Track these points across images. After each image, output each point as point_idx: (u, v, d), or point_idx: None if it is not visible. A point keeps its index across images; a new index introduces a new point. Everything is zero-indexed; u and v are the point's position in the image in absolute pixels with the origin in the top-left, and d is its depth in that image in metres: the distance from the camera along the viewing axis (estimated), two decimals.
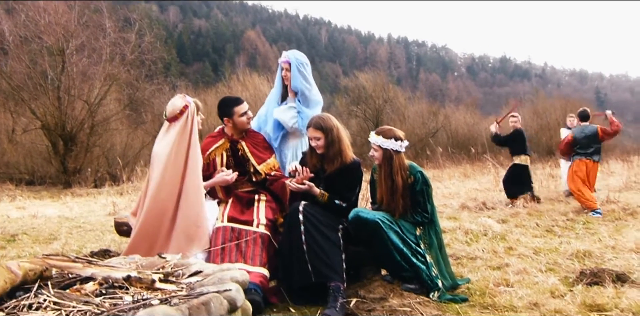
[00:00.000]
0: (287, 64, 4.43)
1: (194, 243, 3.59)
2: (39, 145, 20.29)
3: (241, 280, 2.30)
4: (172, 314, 1.78)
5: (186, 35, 72.72)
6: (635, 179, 12.35)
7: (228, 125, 4.17)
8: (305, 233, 3.57)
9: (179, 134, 3.73)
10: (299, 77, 4.40)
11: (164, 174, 3.66)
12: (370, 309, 3.41)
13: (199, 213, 3.67)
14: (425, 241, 3.85)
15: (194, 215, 3.65)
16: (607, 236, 5.90)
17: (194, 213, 3.65)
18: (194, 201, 3.67)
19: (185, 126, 3.76)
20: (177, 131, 3.74)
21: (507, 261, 4.75)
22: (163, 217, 3.64)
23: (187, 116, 3.78)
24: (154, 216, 3.63)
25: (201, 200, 3.70)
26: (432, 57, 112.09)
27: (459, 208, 8.97)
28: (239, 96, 4.31)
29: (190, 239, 3.59)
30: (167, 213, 3.65)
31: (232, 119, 4.11)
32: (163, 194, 3.64)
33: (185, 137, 3.74)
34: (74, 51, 19.83)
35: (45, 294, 2.04)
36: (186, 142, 3.73)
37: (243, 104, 4.14)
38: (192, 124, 3.78)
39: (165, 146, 3.74)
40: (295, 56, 4.44)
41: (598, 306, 3.28)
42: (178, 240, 3.59)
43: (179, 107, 3.80)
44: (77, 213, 9.84)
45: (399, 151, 3.83)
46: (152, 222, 3.63)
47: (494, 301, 3.53)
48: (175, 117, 3.79)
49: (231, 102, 4.16)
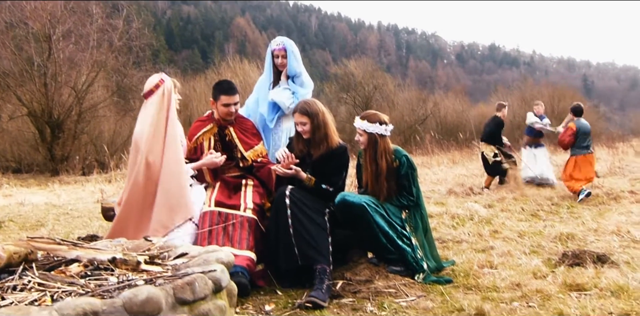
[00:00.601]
0: (283, 50, 4.44)
1: (177, 214, 3.61)
2: (26, 132, 20.12)
3: (226, 261, 2.32)
4: (156, 293, 1.80)
5: (175, 21, 71.98)
6: (620, 164, 12.50)
7: (213, 107, 4.18)
8: (292, 217, 3.60)
9: (156, 110, 3.74)
10: (295, 62, 4.45)
11: (145, 155, 3.66)
12: (356, 291, 3.46)
13: (181, 183, 3.68)
14: (410, 224, 3.89)
15: (174, 187, 3.65)
16: (590, 219, 6.00)
17: (174, 185, 3.65)
18: (175, 172, 3.67)
19: (162, 101, 3.77)
20: (154, 107, 3.75)
21: (492, 244, 4.82)
22: (145, 199, 3.64)
23: (162, 90, 3.79)
24: (137, 198, 3.64)
25: (182, 171, 3.70)
26: (421, 45, 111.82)
27: (446, 194, 9.05)
28: (236, 87, 4.20)
29: (172, 211, 3.60)
30: (149, 195, 3.65)
31: (215, 104, 4.11)
32: (144, 175, 3.64)
33: (163, 113, 3.74)
34: (60, 37, 19.60)
35: (30, 276, 2.05)
36: (164, 119, 3.73)
37: (233, 96, 4.06)
38: (168, 100, 3.79)
39: (144, 124, 3.74)
40: (289, 42, 4.49)
41: (578, 286, 3.35)
42: (160, 214, 3.59)
43: (155, 82, 3.83)
44: (65, 200, 9.80)
45: (383, 135, 3.87)
46: (134, 204, 3.64)
47: (477, 282, 3.59)
48: (151, 91, 3.80)
49: (222, 89, 4.09)
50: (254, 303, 3.32)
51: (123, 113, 23.03)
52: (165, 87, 3.81)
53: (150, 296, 1.76)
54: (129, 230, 3.56)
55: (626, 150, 18.44)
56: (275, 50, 4.46)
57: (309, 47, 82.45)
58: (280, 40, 4.48)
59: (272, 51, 4.51)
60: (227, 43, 70.88)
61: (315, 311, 3.10)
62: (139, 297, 1.74)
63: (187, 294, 1.92)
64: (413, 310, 3.08)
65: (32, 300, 1.83)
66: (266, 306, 3.23)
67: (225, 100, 4.04)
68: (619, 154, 16.30)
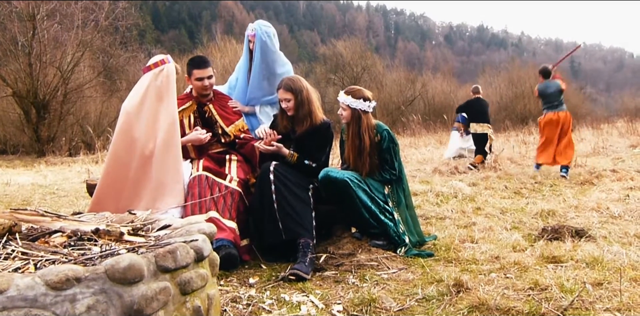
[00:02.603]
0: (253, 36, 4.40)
1: (170, 198, 3.61)
2: (11, 113, 19.96)
3: (208, 231, 2.36)
4: (138, 261, 1.84)
5: (161, 1, 71.03)
6: (604, 145, 12.65)
7: (189, 83, 4.19)
8: (276, 192, 3.64)
9: (145, 86, 3.75)
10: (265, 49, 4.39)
11: (127, 126, 3.68)
12: (339, 264, 3.52)
13: (178, 168, 3.70)
14: (393, 200, 3.95)
15: (172, 170, 3.66)
16: (571, 197, 6.09)
17: (173, 169, 3.66)
18: (173, 156, 3.68)
19: (155, 78, 3.76)
20: (146, 82, 3.76)
21: (474, 220, 4.90)
22: (126, 169, 3.65)
23: (160, 69, 3.78)
24: (117, 169, 3.66)
25: (178, 156, 3.71)
26: (410, 26, 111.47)
27: (431, 173, 9.13)
28: (209, 61, 4.21)
29: (163, 195, 3.61)
30: (128, 166, 3.66)
31: (190, 80, 4.12)
32: (124, 147, 3.66)
33: (153, 90, 3.74)
34: (45, 16, 19.35)
35: (13, 245, 2.08)
36: (154, 96, 3.73)
37: (205, 69, 4.06)
38: (165, 79, 3.77)
39: (133, 96, 3.77)
40: (262, 30, 4.38)
41: (555, 258, 3.43)
42: (153, 195, 3.60)
43: (155, 60, 3.85)
44: (51, 180, 9.78)
45: (367, 111, 3.90)
46: (115, 174, 3.66)
47: (457, 255, 3.67)
48: (149, 67, 3.82)
49: (194, 63, 4.10)
50: (238, 276, 3.37)
51: (109, 94, 22.90)
52: (166, 68, 3.80)
53: (132, 263, 1.79)
54: (109, 201, 3.59)
55: (611, 131, 18.61)
56: (250, 35, 4.44)
57: (297, 28, 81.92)
58: (252, 27, 4.41)
59: (247, 35, 4.48)
60: (214, 23, 70.15)
61: (298, 284, 3.16)
62: (121, 264, 1.77)
63: (168, 262, 1.95)
64: (394, 282, 3.14)
65: (16, 268, 1.86)
66: (250, 279, 3.28)
67: (198, 74, 4.05)
68: (603, 135, 16.47)
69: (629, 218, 4.82)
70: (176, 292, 1.99)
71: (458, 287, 2.88)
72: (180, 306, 2.01)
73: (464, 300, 2.74)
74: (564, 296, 2.69)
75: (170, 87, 3.79)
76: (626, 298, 2.62)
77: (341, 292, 2.99)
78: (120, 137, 3.69)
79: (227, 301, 2.83)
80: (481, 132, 10.00)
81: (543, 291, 2.81)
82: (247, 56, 4.54)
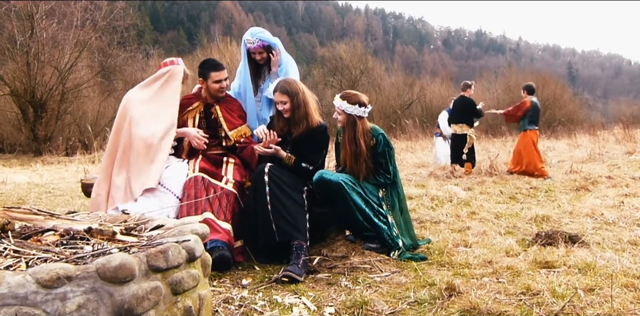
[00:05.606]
0: (260, 47, 4.34)
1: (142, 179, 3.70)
2: (8, 112, 19.92)
3: (201, 232, 2.36)
4: (129, 260, 1.84)
5: (160, 2, 71.06)
6: (600, 151, 12.67)
7: (203, 86, 4.19)
8: (270, 194, 3.64)
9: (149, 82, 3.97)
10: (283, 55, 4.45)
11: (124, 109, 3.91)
12: (332, 266, 3.52)
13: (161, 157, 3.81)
14: (387, 203, 3.96)
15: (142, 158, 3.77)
16: (566, 202, 6.11)
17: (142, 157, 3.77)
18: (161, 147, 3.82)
19: (159, 77, 3.97)
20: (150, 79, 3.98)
21: (468, 224, 4.90)
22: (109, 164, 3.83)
23: (166, 70, 3.99)
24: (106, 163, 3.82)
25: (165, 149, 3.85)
26: (408, 30, 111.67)
27: (427, 176, 9.15)
28: (221, 63, 4.24)
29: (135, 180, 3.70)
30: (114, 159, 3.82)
31: (206, 83, 4.13)
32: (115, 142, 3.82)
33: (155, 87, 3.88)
34: (43, 16, 19.32)
35: (5, 243, 2.08)
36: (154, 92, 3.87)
37: (221, 71, 4.10)
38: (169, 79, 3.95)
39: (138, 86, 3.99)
40: (268, 38, 4.35)
41: (548, 264, 3.44)
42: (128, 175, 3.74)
43: (168, 60, 4.09)
44: (48, 180, 9.77)
45: (362, 116, 3.91)
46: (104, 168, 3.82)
47: (451, 259, 3.67)
48: (159, 66, 4.08)
49: (210, 66, 4.13)
50: (232, 278, 3.37)
51: (107, 94, 22.87)
52: (173, 69, 4.02)
53: (124, 263, 1.79)
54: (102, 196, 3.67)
55: (607, 137, 18.65)
56: (251, 48, 4.35)
57: (296, 31, 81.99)
58: (254, 38, 4.32)
59: (247, 49, 4.39)
60: (213, 24, 70.18)
61: (290, 286, 3.16)
62: (112, 263, 1.77)
63: (160, 262, 1.95)
64: (386, 285, 3.15)
65: (7, 266, 1.86)
66: (243, 281, 3.29)
67: (216, 76, 4.09)
68: (599, 141, 16.51)
69: (623, 225, 4.84)
70: (167, 292, 1.99)
71: (450, 291, 2.89)
72: (172, 306, 2.01)
73: (455, 303, 2.74)
74: (555, 301, 2.70)
75: (172, 87, 3.94)
76: (617, 304, 2.63)
77: (333, 294, 3.00)
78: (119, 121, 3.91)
79: (219, 302, 2.83)
80: (460, 133, 9.51)
81: (535, 296, 2.82)
82: (246, 61, 4.50)
